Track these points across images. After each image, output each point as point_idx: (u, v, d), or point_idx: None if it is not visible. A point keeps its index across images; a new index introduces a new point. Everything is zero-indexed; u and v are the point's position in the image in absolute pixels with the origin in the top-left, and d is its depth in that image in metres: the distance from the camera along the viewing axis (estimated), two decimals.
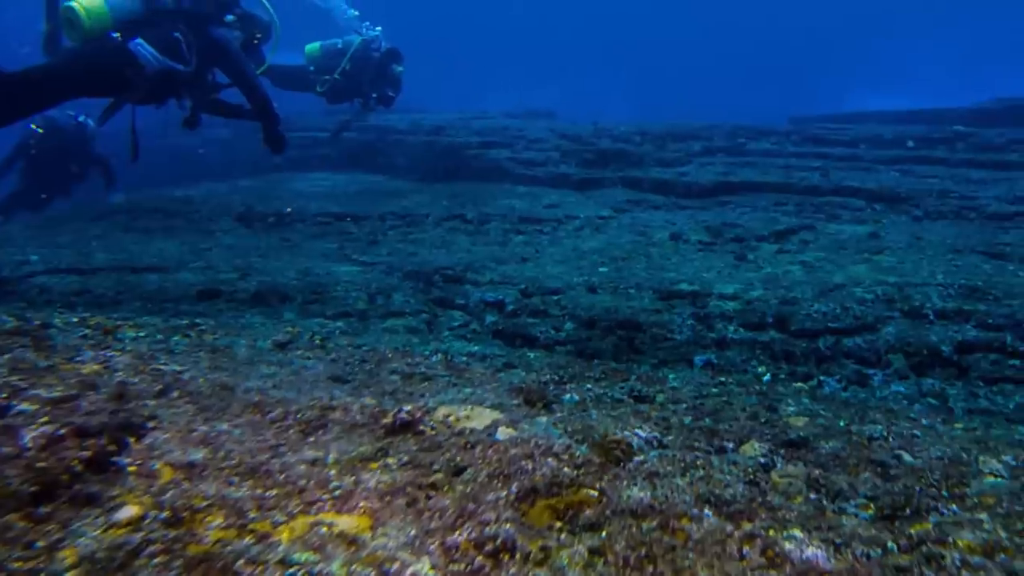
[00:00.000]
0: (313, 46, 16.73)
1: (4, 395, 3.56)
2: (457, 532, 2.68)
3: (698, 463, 3.59)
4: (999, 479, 3.67)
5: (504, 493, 3.02)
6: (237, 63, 10.85)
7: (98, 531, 2.49)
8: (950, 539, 2.85)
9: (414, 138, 23.98)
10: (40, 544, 2.38)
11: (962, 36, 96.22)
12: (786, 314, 8.73)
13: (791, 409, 4.99)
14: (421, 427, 3.70)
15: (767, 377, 7.51)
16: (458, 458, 3.35)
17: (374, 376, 5.07)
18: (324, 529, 2.63)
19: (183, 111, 10.88)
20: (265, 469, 3.11)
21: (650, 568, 2.55)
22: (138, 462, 3.06)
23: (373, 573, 2.37)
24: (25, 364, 4.23)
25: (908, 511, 3.25)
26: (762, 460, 3.80)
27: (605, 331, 8.62)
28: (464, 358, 6.10)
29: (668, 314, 8.98)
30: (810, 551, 2.69)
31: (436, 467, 3.26)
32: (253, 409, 3.87)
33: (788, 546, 2.73)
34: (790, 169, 19.73)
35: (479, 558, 2.53)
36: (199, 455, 3.20)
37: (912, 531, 2.98)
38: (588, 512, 2.91)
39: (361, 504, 2.85)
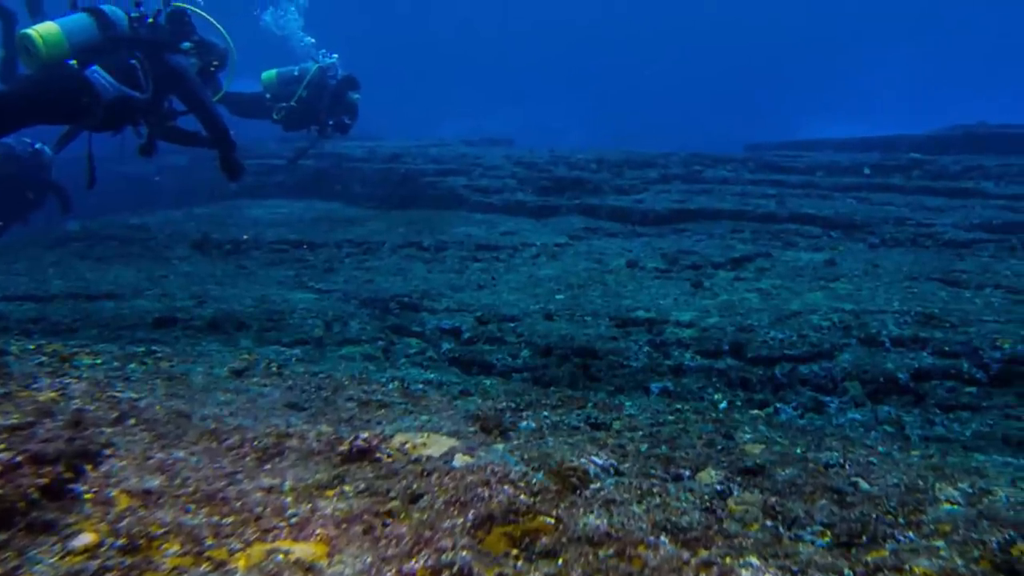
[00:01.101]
0: (269, 73, 16.72)
1: None
2: (414, 559, 2.68)
3: (654, 490, 3.60)
4: (956, 506, 3.70)
5: (460, 520, 3.02)
6: (193, 90, 10.84)
7: (55, 558, 2.49)
8: (907, 567, 2.87)
9: (371, 165, 23.98)
10: None
11: (917, 63, 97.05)
12: (742, 341, 8.77)
13: (747, 436, 5.00)
14: (377, 455, 3.70)
15: (723, 404, 7.53)
16: (415, 485, 3.36)
17: (331, 403, 5.06)
18: (280, 556, 2.64)
19: (139, 138, 10.86)
20: (221, 496, 3.11)
21: None
22: (94, 489, 3.06)
23: None
24: None
25: (865, 538, 3.27)
26: (718, 487, 3.81)
27: (561, 358, 8.63)
28: (420, 385, 6.08)
29: (624, 341, 9.00)
30: None
31: (392, 494, 3.27)
32: (209, 436, 3.86)
33: (744, 573, 2.75)
34: (746, 196, 19.84)
35: None
36: (155, 482, 3.20)
37: (869, 559, 3.00)
38: (545, 539, 2.92)
39: (317, 531, 2.86)
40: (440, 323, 9.93)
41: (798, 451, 4.65)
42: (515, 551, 2.84)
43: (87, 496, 2.99)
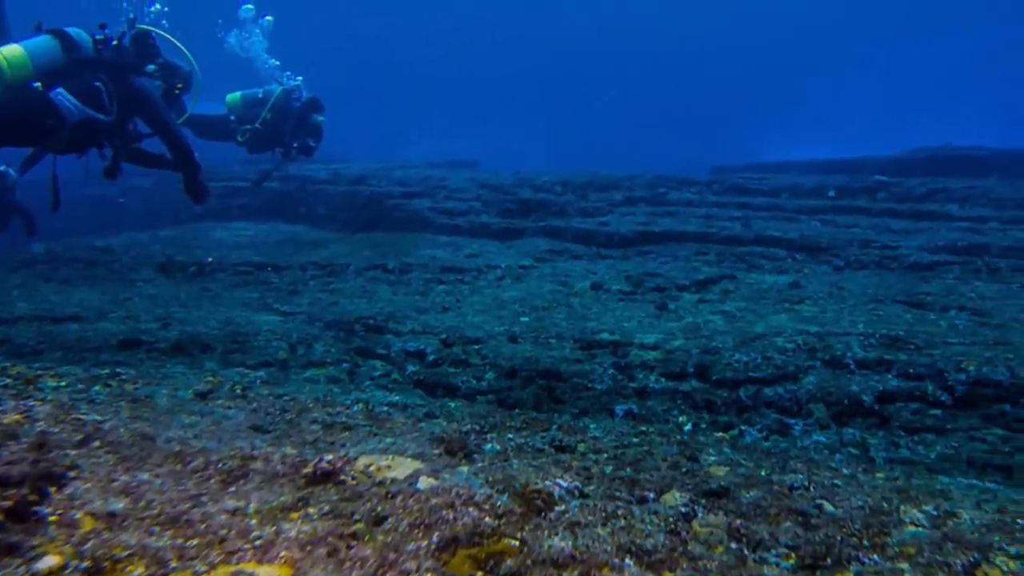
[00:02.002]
0: (234, 96, 16.72)
1: None
2: None
3: (619, 513, 3.61)
4: (920, 529, 3.72)
5: (425, 543, 3.03)
6: (158, 112, 10.84)
7: None
8: None
9: (335, 188, 23.95)
10: None
11: (882, 85, 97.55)
12: (707, 364, 8.78)
13: (712, 459, 5.01)
14: (342, 477, 3.71)
15: (688, 427, 7.54)
16: (379, 508, 3.36)
17: (295, 426, 5.07)
18: None
19: (104, 160, 10.84)
20: (186, 519, 3.11)
21: None
22: (59, 512, 3.06)
23: None
24: None
25: (829, 561, 3.29)
26: (683, 510, 3.83)
27: (526, 381, 8.63)
28: (385, 408, 6.09)
29: (589, 364, 9.00)
30: None
31: (357, 517, 3.27)
32: (174, 459, 3.86)
33: None
34: (711, 219, 19.86)
35: None
36: (120, 505, 3.19)
37: None
38: (509, 562, 2.93)
39: (282, 554, 2.86)
40: (405, 345, 9.92)
41: (763, 473, 4.67)
42: (480, 573, 2.85)
43: (52, 518, 2.99)
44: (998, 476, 6.20)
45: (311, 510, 3.33)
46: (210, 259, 15.84)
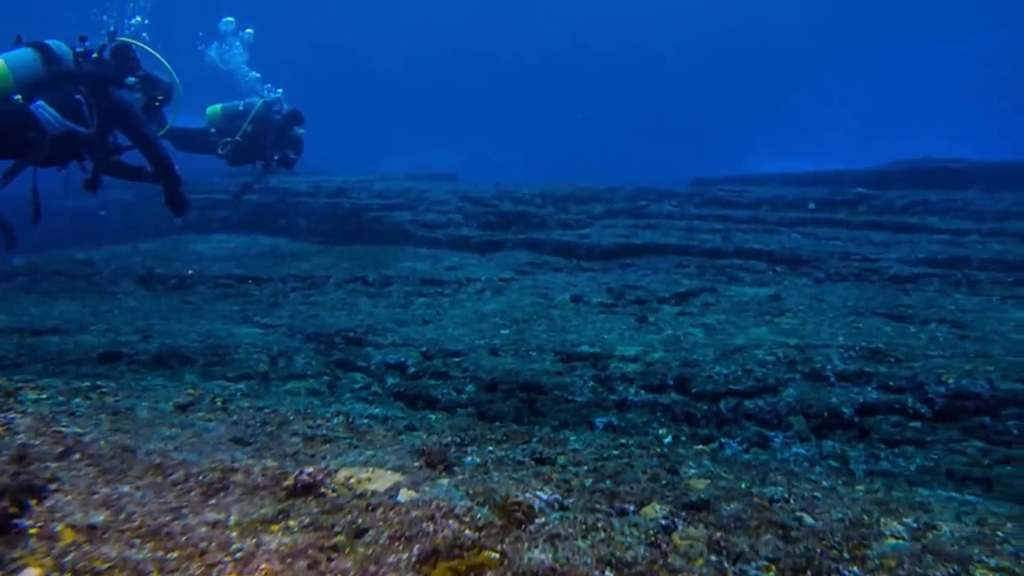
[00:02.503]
0: (214, 108, 16.69)
1: None
2: None
3: (599, 525, 3.62)
4: (900, 541, 3.73)
5: (405, 555, 3.04)
6: (138, 125, 10.83)
7: None
8: None
9: (316, 200, 23.90)
10: None
11: (862, 98, 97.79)
12: (687, 376, 8.79)
13: (692, 471, 5.02)
14: (323, 489, 3.72)
15: (668, 439, 7.54)
16: (359, 520, 3.37)
17: (275, 438, 5.07)
18: None
19: (84, 173, 10.83)
20: (167, 531, 3.12)
21: None
22: (40, 524, 3.06)
23: None
24: None
25: (810, 573, 3.30)
26: (663, 522, 3.83)
27: (506, 393, 8.64)
28: (365, 420, 6.09)
29: (569, 376, 9.01)
30: None
31: (338, 529, 3.28)
32: (155, 471, 3.86)
33: None
34: (692, 231, 19.87)
35: None
36: (101, 517, 3.20)
37: None
38: (489, 574, 2.94)
39: (263, 566, 2.87)
40: (385, 358, 9.92)
41: (743, 486, 4.68)
42: None
43: (32, 531, 3.00)
44: (978, 488, 6.22)
45: (291, 523, 3.34)
46: (191, 272, 15.81)
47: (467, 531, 3.28)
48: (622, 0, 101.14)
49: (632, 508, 4.08)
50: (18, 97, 9.59)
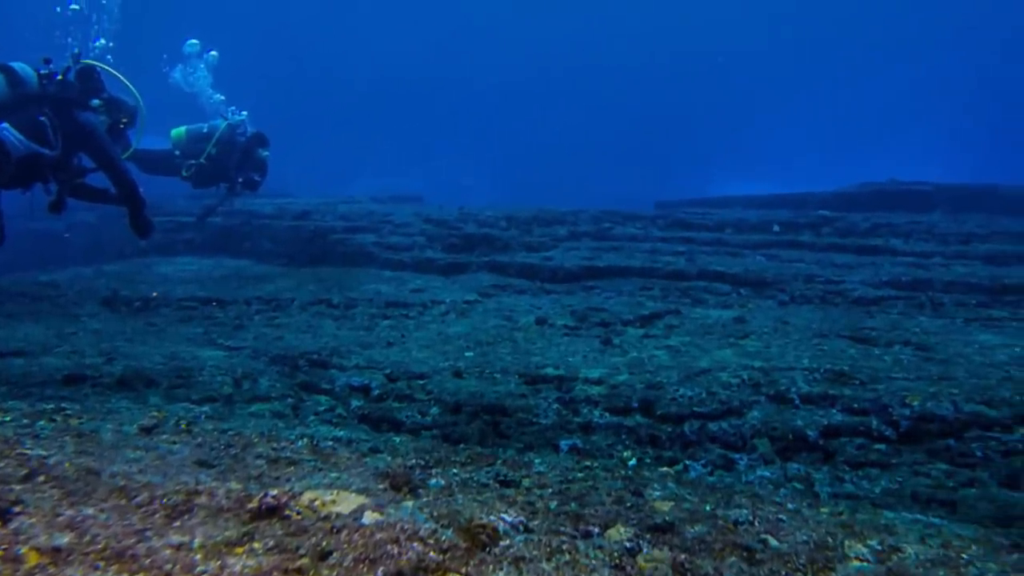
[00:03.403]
0: (179, 130, 16.64)
1: None
2: None
3: (564, 548, 3.64)
4: (865, 563, 3.76)
5: None
6: (103, 147, 10.79)
7: None
8: None
9: (280, 223, 23.88)
10: None
11: (827, 121, 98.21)
12: (652, 399, 8.78)
13: (657, 493, 5.03)
14: (287, 511, 3.72)
15: (633, 462, 7.53)
16: (324, 542, 3.38)
17: (240, 461, 5.06)
18: None
19: (49, 195, 10.78)
20: (131, 553, 3.12)
21: None
22: (4, 547, 3.06)
23: None
24: None
25: None
26: (628, 544, 3.85)
27: (471, 416, 8.63)
28: (330, 442, 6.08)
29: (534, 398, 9.01)
30: None
31: (302, 551, 3.29)
32: (119, 494, 3.86)
33: None
34: (656, 254, 19.94)
35: None
36: (65, 539, 3.20)
37: None
38: None
39: None
40: (350, 380, 9.91)
41: (707, 508, 4.69)
42: None
43: None
44: (942, 511, 6.23)
45: (256, 545, 3.35)
46: (155, 294, 15.77)
47: (432, 553, 3.30)
48: (586, 24, 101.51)
49: (597, 530, 4.10)
50: None
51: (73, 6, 12.55)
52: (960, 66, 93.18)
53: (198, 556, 3.17)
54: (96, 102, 11.02)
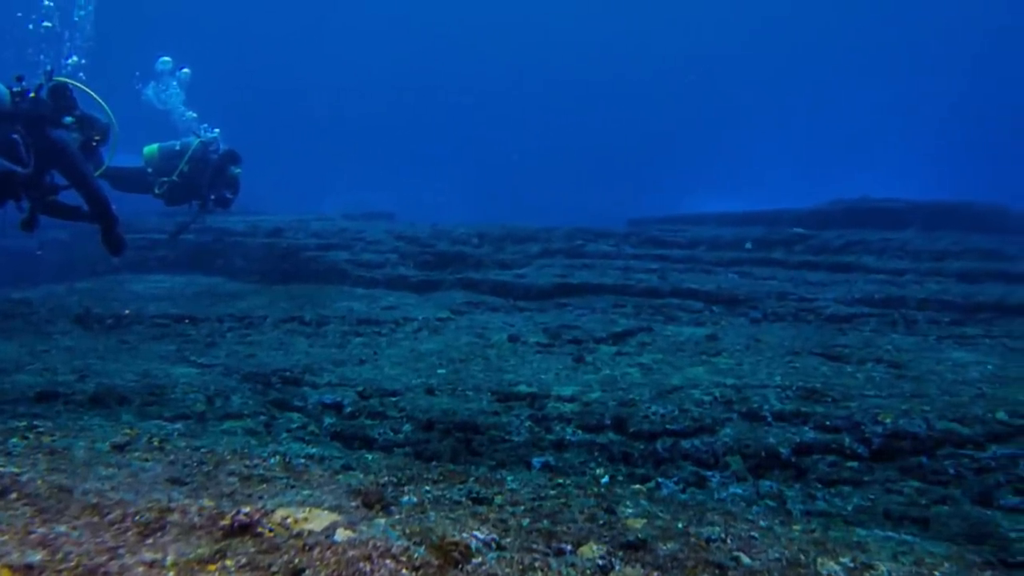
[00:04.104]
0: (151, 148, 16.60)
1: None
2: None
3: (536, 565, 3.65)
4: None
5: None
6: (75, 165, 10.76)
7: None
8: None
9: (252, 240, 23.85)
10: None
11: (801, 138, 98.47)
12: (624, 416, 8.80)
13: (629, 511, 5.05)
14: (259, 529, 3.73)
15: (605, 479, 7.53)
16: (296, 560, 3.39)
17: (212, 478, 5.07)
18: None
19: (21, 213, 10.75)
20: (103, 571, 3.13)
21: None
22: None
23: None
24: None
25: None
26: (600, 562, 3.86)
27: (443, 433, 8.63)
28: (302, 460, 6.09)
29: (506, 416, 9.01)
30: None
31: (275, 569, 3.30)
32: (91, 511, 3.87)
33: None
34: (629, 271, 20.00)
35: None
36: (38, 557, 3.20)
37: None
38: None
39: None
40: (322, 398, 9.90)
41: (680, 525, 4.71)
42: None
43: None
44: (915, 528, 6.26)
45: (228, 562, 3.35)
46: (127, 311, 15.73)
47: (404, 571, 3.31)
48: (557, 40, 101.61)
49: (569, 548, 4.11)
50: None
51: (45, 23, 12.54)
52: (933, 85, 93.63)
53: (171, 574, 3.18)
54: (69, 119, 10.99)
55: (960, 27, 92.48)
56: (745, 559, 4.04)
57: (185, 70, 18.59)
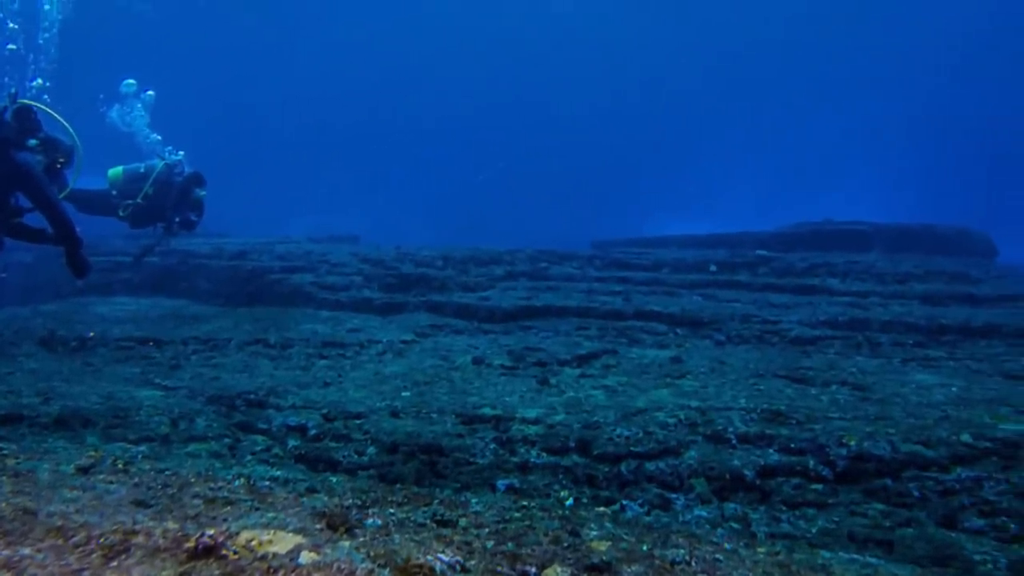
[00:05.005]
0: (116, 170, 16.57)
1: None
2: None
3: None
4: None
5: None
6: (40, 187, 10.75)
7: None
8: None
9: (217, 262, 23.79)
10: None
11: (765, 161, 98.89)
12: (588, 438, 8.80)
13: (594, 533, 5.07)
14: (224, 551, 3.73)
15: (570, 501, 7.54)
16: None
17: (177, 500, 5.07)
18: None
19: None
20: None
21: None
22: None
23: None
24: None
25: None
26: None
27: (408, 455, 8.63)
28: (267, 482, 6.09)
29: (471, 438, 9.01)
30: None
31: None
32: (56, 533, 3.87)
33: None
34: (592, 293, 20.00)
35: None
36: None
37: None
38: None
39: None
40: (286, 420, 9.89)
41: (644, 548, 4.73)
42: None
43: None
44: (879, 551, 6.28)
45: None
46: (92, 334, 15.68)
47: None
48: (522, 63, 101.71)
49: (534, 570, 4.13)
50: None
51: (10, 46, 12.55)
52: (897, 108, 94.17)
53: None
54: (33, 142, 10.99)
55: (922, 50, 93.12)
56: None
57: (149, 92, 18.59)
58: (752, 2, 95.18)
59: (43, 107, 11.40)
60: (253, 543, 3.95)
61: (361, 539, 4.43)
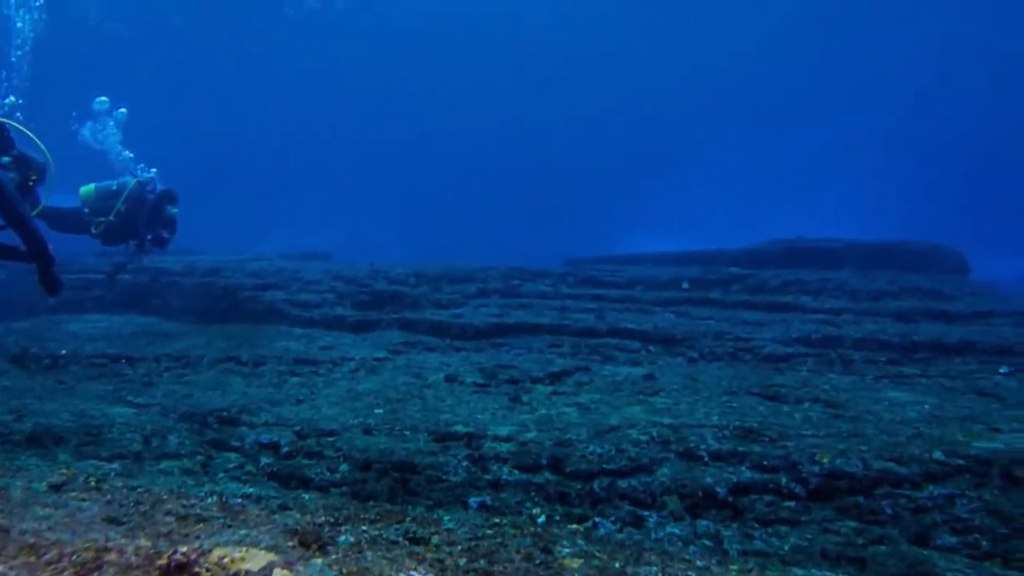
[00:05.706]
0: (88, 188, 16.54)
1: None
2: None
3: None
4: None
5: None
6: (12, 205, 10.72)
7: None
8: None
9: (189, 280, 23.74)
10: None
11: (738, 178, 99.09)
12: (561, 456, 8.81)
13: (566, 551, 5.08)
14: (196, 569, 3.75)
15: (542, 519, 7.56)
16: None
17: (149, 518, 5.07)
18: None
19: None
20: None
21: None
22: None
23: None
24: None
25: None
26: None
27: (380, 473, 8.64)
28: (239, 500, 6.09)
29: (443, 456, 9.02)
30: None
31: None
32: (28, 551, 3.88)
33: None
34: (565, 311, 20.01)
35: None
36: None
37: None
38: None
39: None
40: (259, 437, 9.89)
41: (617, 565, 4.75)
42: None
43: None
44: (852, 568, 6.32)
45: None
46: (64, 351, 15.64)
47: None
48: (494, 77, 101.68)
49: None
50: None
51: None
52: (869, 126, 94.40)
53: None
54: (5, 159, 10.97)
55: (896, 67, 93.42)
56: None
57: (122, 110, 18.58)
58: (727, 19, 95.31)
59: (16, 124, 11.37)
60: (225, 560, 3.96)
61: (333, 556, 4.44)
